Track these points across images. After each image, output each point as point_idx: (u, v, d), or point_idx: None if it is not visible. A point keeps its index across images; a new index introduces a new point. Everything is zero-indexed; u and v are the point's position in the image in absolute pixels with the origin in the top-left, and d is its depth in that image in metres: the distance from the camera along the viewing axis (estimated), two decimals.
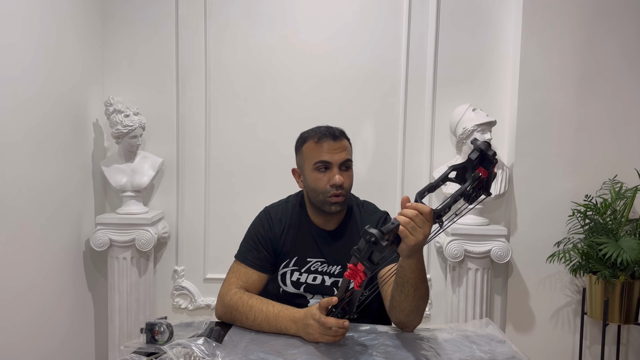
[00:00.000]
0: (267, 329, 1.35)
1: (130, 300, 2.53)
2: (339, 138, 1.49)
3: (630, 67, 2.46)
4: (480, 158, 1.14)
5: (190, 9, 2.65)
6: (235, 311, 1.41)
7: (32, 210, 2.12)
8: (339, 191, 1.46)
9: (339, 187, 1.46)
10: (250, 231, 1.59)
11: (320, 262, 1.54)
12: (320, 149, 1.47)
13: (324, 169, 1.47)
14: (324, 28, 2.64)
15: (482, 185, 1.16)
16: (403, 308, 1.31)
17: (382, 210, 1.63)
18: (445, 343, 1.28)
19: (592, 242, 2.30)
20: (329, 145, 1.47)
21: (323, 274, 1.54)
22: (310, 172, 1.49)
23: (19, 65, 2.01)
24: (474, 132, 2.39)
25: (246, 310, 1.39)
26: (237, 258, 1.56)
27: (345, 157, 1.48)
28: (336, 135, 1.49)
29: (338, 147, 1.48)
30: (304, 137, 1.54)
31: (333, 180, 1.46)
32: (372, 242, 1.08)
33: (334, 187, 1.46)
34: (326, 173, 1.47)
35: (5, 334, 1.96)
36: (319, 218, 1.56)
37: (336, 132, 1.50)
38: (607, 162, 2.48)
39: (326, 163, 1.47)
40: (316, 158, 1.48)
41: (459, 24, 2.61)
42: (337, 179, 1.45)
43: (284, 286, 1.56)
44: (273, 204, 1.65)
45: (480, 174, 1.14)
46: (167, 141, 2.71)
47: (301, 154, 1.54)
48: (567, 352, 2.55)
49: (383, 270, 1.46)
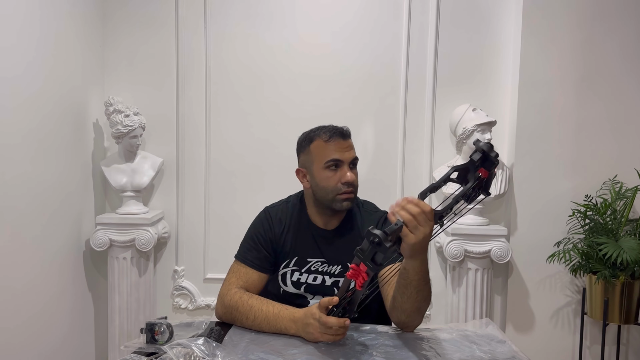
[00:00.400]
0: (267, 329, 1.35)
1: (130, 300, 2.53)
2: (348, 136, 1.51)
3: (631, 67, 2.46)
4: (482, 159, 1.14)
5: (190, 9, 2.65)
6: (235, 311, 1.41)
7: (32, 210, 2.12)
8: (350, 188, 1.48)
9: (350, 185, 1.48)
10: (250, 231, 1.59)
11: (321, 262, 1.54)
12: (331, 147, 1.48)
13: (335, 167, 1.48)
14: (324, 28, 2.64)
15: (482, 185, 1.16)
16: (405, 309, 1.31)
17: (382, 210, 1.63)
18: (445, 343, 1.28)
19: (592, 242, 2.30)
20: (339, 143, 1.49)
21: (323, 274, 1.54)
22: (320, 171, 1.50)
23: (19, 65, 2.01)
24: (474, 132, 2.39)
25: (246, 310, 1.39)
26: (237, 258, 1.56)
27: (354, 155, 1.51)
28: (345, 133, 1.51)
29: (347, 145, 1.50)
30: (310, 136, 1.53)
31: (345, 178, 1.47)
32: (376, 243, 1.07)
33: (345, 184, 1.47)
34: (337, 171, 1.48)
35: (6, 334, 1.96)
36: (319, 218, 1.56)
37: (344, 130, 1.51)
38: (607, 162, 2.48)
39: (337, 161, 1.48)
40: (327, 157, 1.48)
41: (459, 24, 2.61)
42: (349, 177, 1.47)
43: (285, 286, 1.56)
44: (273, 204, 1.65)
45: (480, 174, 1.14)
46: (167, 141, 2.71)
47: (308, 153, 1.53)
48: (567, 352, 2.55)
49: (383, 269, 1.46)
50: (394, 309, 1.34)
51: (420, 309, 1.31)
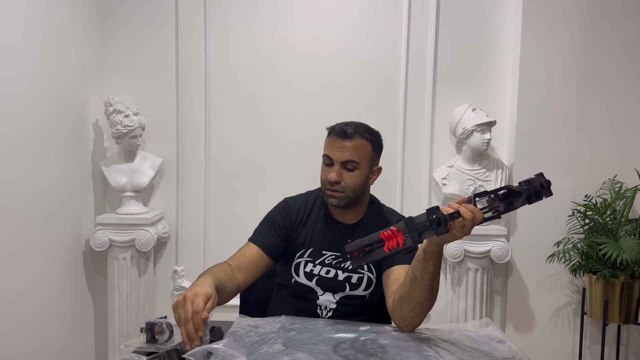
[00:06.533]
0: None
1: (130, 300, 2.53)
2: (349, 137, 1.49)
3: (631, 67, 2.46)
4: (536, 192, 1.22)
5: (190, 9, 2.65)
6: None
7: (32, 210, 2.12)
8: (334, 187, 1.50)
9: (334, 184, 1.49)
10: (267, 217, 1.61)
11: (336, 255, 1.55)
12: (329, 143, 1.52)
13: (328, 163, 1.52)
14: (324, 28, 2.64)
15: (507, 210, 1.22)
16: (412, 298, 1.30)
17: (401, 214, 1.66)
18: (445, 343, 1.28)
19: (592, 242, 2.30)
20: (336, 142, 1.50)
21: (337, 268, 1.54)
22: (322, 163, 1.55)
23: (19, 66, 2.01)
24: (474, 132, 2.40)
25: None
26: (249, 240, 1.56)
27: (348, 157, 1.49)
28: (347, 133, 1.50)
29: (344, 145, 1.49)
30: (328, 129, 1.56)
31: (328, 177, 1.50)
32: (435, 222, 1.09)
33: (328, 182, 1.50)
34: (330, 167, 1.51)
35: (6, 334, 1.96)
36: (335, 210, 1.58)
37: (348, 130, 1.50)
38: (607, 162, 2.48)
39: (329, 158, 1.52)
40: (324, 151, 1.54)
41: (459, 23, 2.60)
42: (330, 176, 1.49)
43: (297, 277, 1.56)
44: (293, 196, 1.67)
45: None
46: (167, 141, 2.70)
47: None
48: (567, 352, 2.55)
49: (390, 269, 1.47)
50: (401, 300, 1.33)
51: (426, 302, 1.30)
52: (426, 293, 1.29)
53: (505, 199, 1.22)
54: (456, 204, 1.18)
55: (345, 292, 1.54)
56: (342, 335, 1.31)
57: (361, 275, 1.54)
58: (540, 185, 1.21)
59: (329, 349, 1.23)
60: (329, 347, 1.24)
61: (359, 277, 1.54)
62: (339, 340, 1.27)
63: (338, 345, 1.26)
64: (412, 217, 1.12)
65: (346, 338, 1.29)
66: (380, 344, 1.27)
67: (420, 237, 1.12)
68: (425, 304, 1.31)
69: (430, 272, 1.26)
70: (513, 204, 1.21)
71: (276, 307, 1.61)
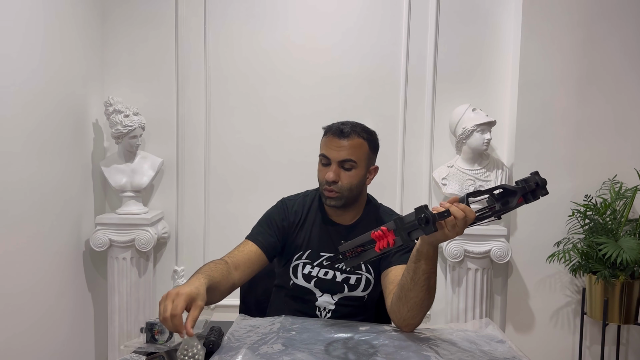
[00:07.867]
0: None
1: (130, 300, 2.53)
2: (346, 136, 1.48)
3: (631, 67, 2.46)
4: (532, 191, 1.20)
5: (190, 8, 2.65)
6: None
7: (32, 210, 2.12)
8: (331, 187, 1.49)
9: (331, 184, 1.48)
10: (265, 216, 1.60)
11: (331, 257, 1.55)
12: (326, 143, 1.51)
13: (325, 162, 1.51)
14: (324, 29, 2.64)
15: (503, 209, 1.21)
16: (409, 298, 1.30)
17: (398, 214, 1.64)
18: (445, 343, 1.28)
19: (592, 242, 2.30)
20: (332, 141, 1.50)
21: (335, 270, 1.54)
22: (318, 162, 1.54)
23: (23, 71, 2.02)
24: (474, 132, 2.40)
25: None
26: (246, 238, 1.55)
27: (345, 156, 1.48)
28: (343, 132, 1.49)
29: (341, 144, 1.48)
30: (324, 128, 1.56)
31: (326, 176, 1.49)
32: (423, 220, 1.09)
33: (325, 182, 1.49)
34: (327, 167, 1.50)
35: (6, 334, 1.96)
36: (332, 211, 1.57)
37: (345, 129, 1.49)
38: (607, 162, 2.48)
39: (325, 157, 1.51)
40: (321, 150, 1.53)
41: (459, 23, 2.60)
42: (328, 175, 1.48)
43: (295, 278, 1.56)
44: (290, 196, 1.66)
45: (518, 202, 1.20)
46: (167, 141, 2.70)
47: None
48: (567, 352, 2.55)
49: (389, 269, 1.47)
50: (398, 300, 1.33)
51: (423, 302, 1.30)
52: (422, 293, 1.28)
53: (500, 198, 1.21)
54: (447, 203, 1.18)
55: (343, 293, 1.54)
56: (342, 336, 1.32)
57: (359, 276, 1.54)
58: (535, 184, 1.21)
59: (329, 349, 1.23)
60: (329, 347, 1.24)
61: (357, 277, 1.54)
62: (339, 340, 1.27)
63: (338, 345, 1.26)
64: (401, 217, 1.12)
65: (346, 338, 1.29)
66: (379, 344, 1.27)
67: (410, 236, 1.12)
68: (422, 304, 1.30)
69: (424, 272, 1.26)
70: (509, 203, 1.20)
71: (275, 308, 1.61)
